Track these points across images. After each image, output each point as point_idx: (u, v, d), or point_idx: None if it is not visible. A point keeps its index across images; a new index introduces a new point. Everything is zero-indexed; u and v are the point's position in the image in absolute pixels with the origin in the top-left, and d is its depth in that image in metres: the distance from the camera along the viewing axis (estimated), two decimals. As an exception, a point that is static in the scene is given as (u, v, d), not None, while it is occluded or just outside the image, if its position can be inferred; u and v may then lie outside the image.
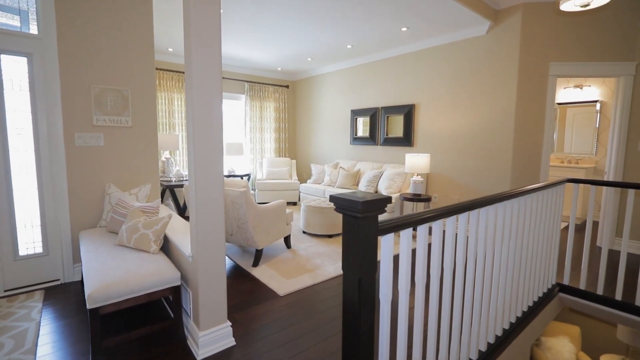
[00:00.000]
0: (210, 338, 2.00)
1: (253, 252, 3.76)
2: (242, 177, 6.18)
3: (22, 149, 2.78)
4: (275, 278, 3.06)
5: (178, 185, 4.85)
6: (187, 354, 1.98)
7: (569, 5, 2.43)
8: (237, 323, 2.33)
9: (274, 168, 6.51)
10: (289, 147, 7.62)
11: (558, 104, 5.60)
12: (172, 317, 2.27)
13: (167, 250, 2.54)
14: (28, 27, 2.75)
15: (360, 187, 5.14)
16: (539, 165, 3.94)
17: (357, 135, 6.08)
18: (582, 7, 2.38)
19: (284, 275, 3.11)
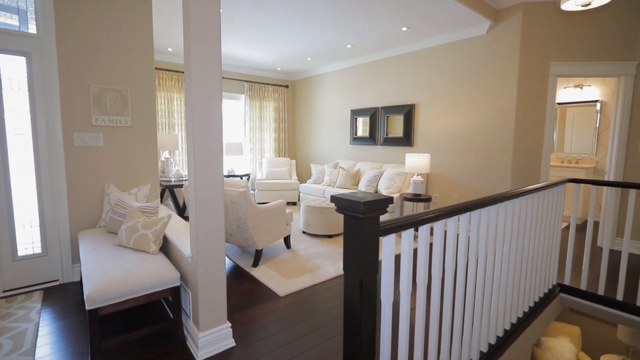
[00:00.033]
0: (210, 339, 1.99)
1: (253, 252, 3.75)
2: (241, 177, 6.17)
3: (20, 149, 2.77)
4: (275, 278, 3.05)
5: (177, 185, 4.84)
6: (186, 355, 1.98)
7: (570, 5, 2.42)
8: (237, 324, 2.32)
9: (274, 168, 6.50)
10: (289, 147, 7.61)
11: (558, 104, 5.59)
12: (171, 318, 2.26)
13: (166, 251, 2.53)
14: (27, 26, 2.74)
15: (360, 187, 5.13)
16: (539, 165, 3.94)
17: (357, 135, 6.07)
18: (583, 6, 2.37)
19: (284, 276, 3.10)
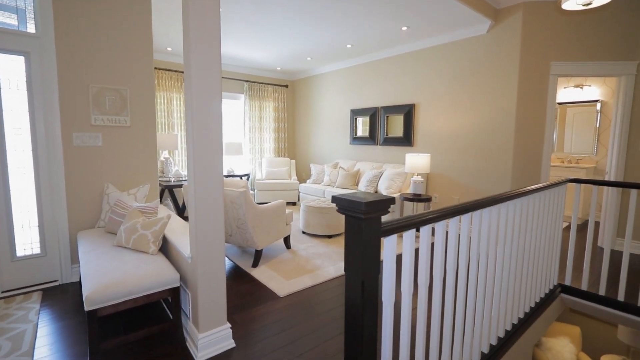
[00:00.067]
0: (210, 340, 1.98)
1: (253, 252, 3.74)
2: (241, 177, 6.16)
3: (19, 149, 2.76)
4: (275, 279, 3.04)
5: (177, 186, 4.83)
6: (186, 356, 1.96)
7: (571, 4, 2.41)
8: (236, 324, 2.31)
9: (274, 168, 6.49)
10: (289, 147, 7.60)
11: (558, 104, 5.59)
12: (171, 318, 2.24)
13: (166, 251, 2.52)
14: (25, 25, 2.73)
15: (360, 187, 5.12)
16: (540, 165, 3.93)
17: (356, 135, 6.06)
18: (584, 5, 2.36)
19: (284, 276, 3.09)
